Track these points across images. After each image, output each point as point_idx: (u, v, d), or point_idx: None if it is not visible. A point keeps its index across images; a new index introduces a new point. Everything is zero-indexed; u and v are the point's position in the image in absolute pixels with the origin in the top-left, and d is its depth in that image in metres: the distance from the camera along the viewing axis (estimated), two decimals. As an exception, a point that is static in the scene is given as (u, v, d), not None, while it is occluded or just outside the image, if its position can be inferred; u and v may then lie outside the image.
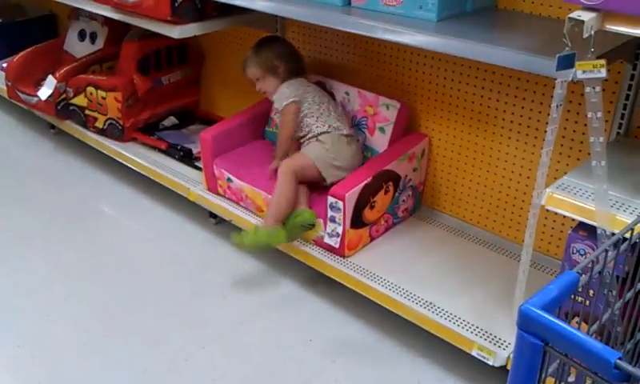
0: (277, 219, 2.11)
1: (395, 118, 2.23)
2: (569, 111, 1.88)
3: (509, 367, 1.73)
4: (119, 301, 2.17)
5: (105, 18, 2.69)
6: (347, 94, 2.37)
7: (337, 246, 2.06)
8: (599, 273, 0.92)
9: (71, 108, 3.03)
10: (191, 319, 2.09)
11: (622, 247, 0.99)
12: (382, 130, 2.27)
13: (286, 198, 2.12)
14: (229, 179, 2.37)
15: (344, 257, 2.08)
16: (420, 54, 2.19)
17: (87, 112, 2.97)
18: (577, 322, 1.54)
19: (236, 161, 2.42)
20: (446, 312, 1.86)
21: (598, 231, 1.41)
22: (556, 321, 0.77)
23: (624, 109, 1.76)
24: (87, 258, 2.40)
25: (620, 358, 0.68)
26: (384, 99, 2.26)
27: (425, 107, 2.25)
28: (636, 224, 1.02)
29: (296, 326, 2.06)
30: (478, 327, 1.80)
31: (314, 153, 2.20)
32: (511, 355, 1.71)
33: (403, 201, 2.24)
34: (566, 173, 1.60)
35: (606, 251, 0.93)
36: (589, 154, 1.42)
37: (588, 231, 1.47)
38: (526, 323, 0.80)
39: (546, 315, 0.78)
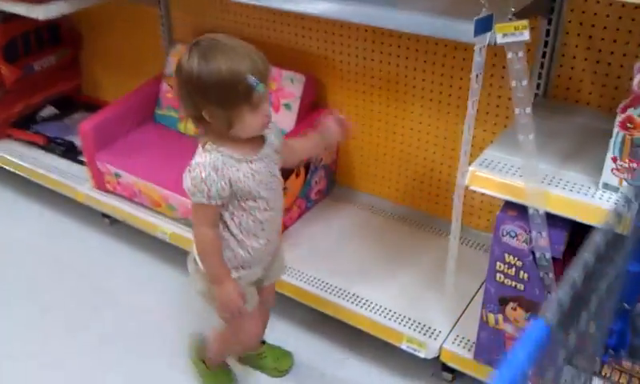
0: None
1: (301, 93, 2.02)
2: (492, 76, 1.73)
3: (442, 358, 1.60)
4: (7, 320, 1.92)
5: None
6: (245, 69, 2.13)
7: (246, 241, 1.85)
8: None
9: None
10: (94, 333, 1.87)
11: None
12: (287, 106, 2.06)
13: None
14: (117, 174, 2.10)
15: (256, 252, 1.89)
16: (321, 21, 1.99)
17: (-50, 110, 2.59)
18: (512, 308, 1.44)
19: (123, 152, 2.15)
20: (372, 303, 1.71)
21: (530, 211, 1.28)
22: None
23: (541, 68, 1.63)
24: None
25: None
26: (288, 73, 2.04)
27: (332, 80, 2.06)
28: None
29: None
30: (407, 317, 1.67)
31: None
32: (444, 345, 1.60)
33: (316, 182, 2.06)
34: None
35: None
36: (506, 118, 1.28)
37: (517, 210, 1.34)
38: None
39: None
